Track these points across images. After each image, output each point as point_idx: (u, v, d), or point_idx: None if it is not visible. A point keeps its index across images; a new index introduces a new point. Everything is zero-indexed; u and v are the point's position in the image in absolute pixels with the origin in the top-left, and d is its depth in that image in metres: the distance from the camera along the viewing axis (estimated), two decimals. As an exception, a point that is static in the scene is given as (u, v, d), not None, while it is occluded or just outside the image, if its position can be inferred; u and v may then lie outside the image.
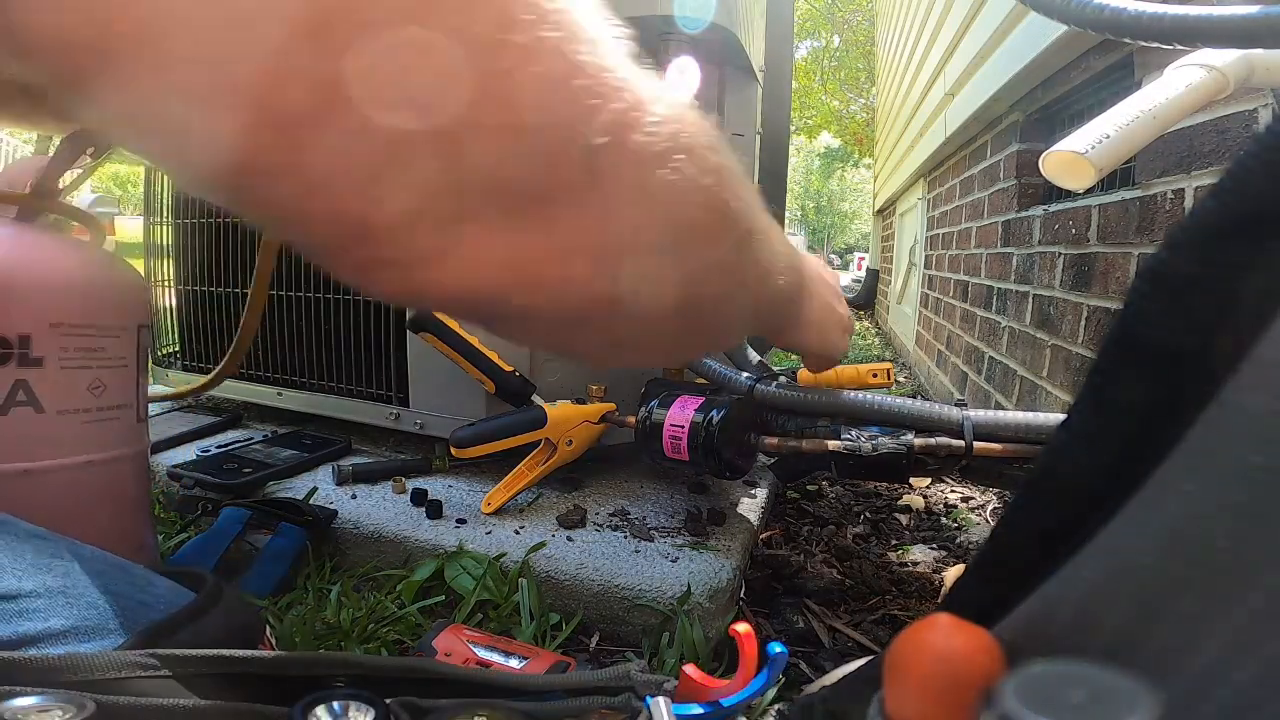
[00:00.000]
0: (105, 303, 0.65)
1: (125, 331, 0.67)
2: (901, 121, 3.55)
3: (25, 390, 0.60)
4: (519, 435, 0.86)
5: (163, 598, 0.46)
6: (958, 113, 2.02)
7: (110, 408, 0.66)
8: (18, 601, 0.40)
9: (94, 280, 0.65)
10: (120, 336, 0.67)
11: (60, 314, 0.61)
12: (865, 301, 5.14)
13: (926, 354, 2.49)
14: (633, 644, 0.72)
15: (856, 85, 9.87)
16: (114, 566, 0.46)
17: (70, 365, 0.62)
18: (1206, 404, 0.16)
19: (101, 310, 0.65)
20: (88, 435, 0.64)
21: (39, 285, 0.61)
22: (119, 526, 0.69)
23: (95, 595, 0.42)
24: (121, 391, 0.67)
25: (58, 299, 0.62)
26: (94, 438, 0.65)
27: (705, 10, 0.84)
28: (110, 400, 0.66)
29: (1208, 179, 0.80)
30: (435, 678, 0.39)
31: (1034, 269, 1.36)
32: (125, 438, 0.68)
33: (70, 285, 0.63)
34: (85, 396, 0.64)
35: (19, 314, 0.59)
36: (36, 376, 0.60)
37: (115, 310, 0.66)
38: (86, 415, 0.64)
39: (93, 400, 0.64)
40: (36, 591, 0.41)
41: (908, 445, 0.72)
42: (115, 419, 0.67)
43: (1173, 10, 0.49)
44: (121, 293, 0.67)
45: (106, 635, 0.41)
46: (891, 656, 0.20)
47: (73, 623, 0.41)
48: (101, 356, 0.65)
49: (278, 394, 1.14)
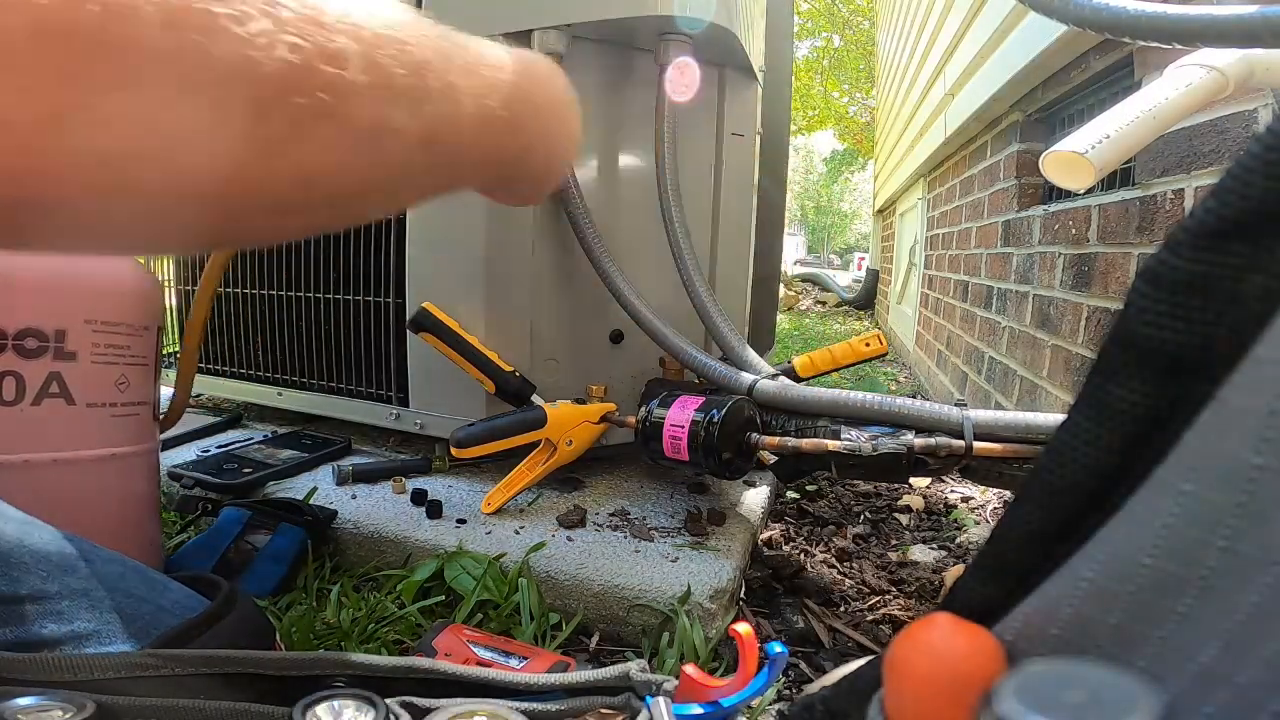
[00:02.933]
0: (132, 302, 0.68)
1: (147, 331, 0.70)
2: (901, 121, 3.55)
3: (59, 382, 0.63)
4: (519, 435, 0.86)
5: (179, 603, 0.46)
6: (958, 112, 2.02)
7: (132, 404, 0.69)
8: (43, 603, 0.40)
9: (123, 280, 0.68)
10: (143, 336, 0.69)
11: (94, 311, 0.64)
12: (865, 301, 5.15)
13: (926, 354, 2.49)
14: (633, 644, 0.72)
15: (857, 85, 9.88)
16: (132, 570, 0.46)
17: (100, 360, 0.65)
18: (1206, 404, 0.16)
19: (129, 310, 0.68)
20: (112, 429, 0.67)
21: (75, 284, 0.64)
22: (132, 519, 0.71)
23: (117, 599, 0.43)
24: (142, 388, 0.70)
25: (92, 297, 0.65)
26: (117, 432, 0.67)
27: (705, 10, 0.84)
28: (133, 396, 0.69)
29: (1208, 179, 0.80)
30: (435, 678, 0.39)
31: (1034, 269, 1.36)
32: (142, 434, 0.71)
33: (103, 284, 0.66)
34: (112, 391, 0.66)
35: (57, 310, 0.62)
36: (69, 370, 0.63)
37: (140, 310, 0.69)
38: (112, 410, 0.67)
39: (118, 395, 0.67)
40: (61, 594, 0.41)
41: (908, 445, 0.72)
42: (136, 414, 0.69)
43: (1173, 10, 0.49)
44: (145, 293, 0.70)
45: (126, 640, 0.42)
46: (891, 656, 0.20)
47: (95, 626, 0.41)
48: (127, 354, 0.68)
49: (278, 394, 1.14)
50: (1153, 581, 0.17)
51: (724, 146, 1.05)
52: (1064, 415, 0.19)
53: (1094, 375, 0.18)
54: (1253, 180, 0.15)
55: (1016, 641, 0.20)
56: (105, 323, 0.65)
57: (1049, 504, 0.19)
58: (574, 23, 0.84)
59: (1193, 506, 0.16)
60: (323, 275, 1.06)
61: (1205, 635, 0.16)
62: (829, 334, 3.80)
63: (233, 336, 1.18)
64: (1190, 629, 0.16)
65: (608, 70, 0.93)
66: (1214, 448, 0.15)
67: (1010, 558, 0.21)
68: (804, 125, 11.17)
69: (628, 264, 0.91)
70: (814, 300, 5.81)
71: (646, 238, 0.97)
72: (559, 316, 0.97)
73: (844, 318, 4.83)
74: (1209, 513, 0.16)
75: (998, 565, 0.21)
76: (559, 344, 0.97)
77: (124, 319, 0.67)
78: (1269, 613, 0.15)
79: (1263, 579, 0.15)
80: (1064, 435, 0.19)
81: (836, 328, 4.14)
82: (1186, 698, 0.16)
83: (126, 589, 0.44)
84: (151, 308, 0.71)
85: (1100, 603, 0.18)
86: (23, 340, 0.60)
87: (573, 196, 0.89)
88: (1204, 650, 0.16)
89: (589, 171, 0.96)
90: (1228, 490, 0.15)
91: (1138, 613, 0.17)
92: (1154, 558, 0.17)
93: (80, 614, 0.41)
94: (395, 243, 0.98)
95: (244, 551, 0.78)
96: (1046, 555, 0.19)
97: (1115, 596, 0.17)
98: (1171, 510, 0.16)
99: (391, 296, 1.00)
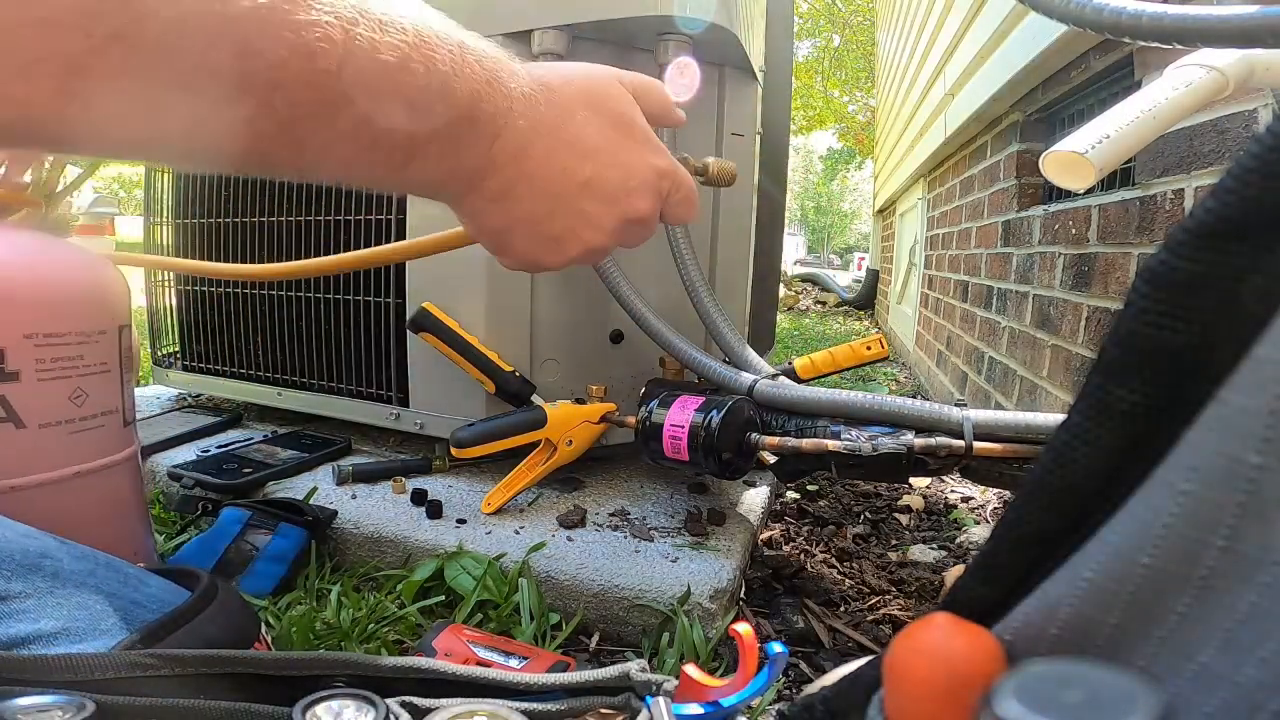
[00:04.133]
0: (82, 308, 0.63)
1: (105, 336, 0.65)
2: (901, 121, 3.55)
3: (3, 406, 0.58)
4: (519, 435, 0.86)
5: (156, 597, 0.45)
6: (958, 112, 2.02)
7: (94, 415, 0.64)
8: (7, 603, 0.40)
9: (69, 285, 0.62)
10: (99, 342, 0.64)
11: (34, 324, 0.59)
12: (865, 301, 5.15)
13: (926, 354, 2.49)
14: (633, 644, 0.72)
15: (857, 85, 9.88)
16: (104, 565, 0.45)
17: (48, 377, 0.60)
18: (1206, 404, 0.16)
19: (78, 316, 0.62)
20: (72, 446, 0.62)
21: (9, 296, 0.58)
22: (115, 532, 0.68)
23: (85, 595, 0.42)
24: (105, 398, 0.65)
25: (30, 309, 0.59)
26: (79, 448, 0.63)
27: (705, 10, 0.84)
28: (93, 408, 0.64)
29: (1208, 179, 0.80)
30: (435, 677, 0.39)
31: (1034, 269, 1.36)
32: (112, 444, 0.66)
33: (43, 293, 0.60)
34: (67, 407, 0.62)
35: None
36: (13, 391, 0.58)
37: (93, 315, 0.64)
38: (70, 426, 0.62)
39: (75, 410, 0.62)
40: (25, 592, 0.40)
41: (908, 445, 0.72)
42: (101, 426, 0.65)
43: (1173, 10, 0.49)
44: (99, 295, 0.65)
45: (98, 636, 0.41)
46: (891, 656, 0.20)
47: (63, 624, 0.40)
48: (80, 364, 0.62)
49: (278, 394, 1.14)
50: (1152, 581, 0.17)
51: (724, 146, 1.05)
52: (1064, 415, 0.19)
53: (1094, 375, 0.18)
54: (1252, 180, 0.15)
55: (1016, 641, 0.20)
56: (49, 335, 0.60)
57: (1049, 504, 0.19)
58: (574, 23, 0.84)
59: (1193, 506, 0.16)
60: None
61: (1205, 635, 0.16)
62: (829, 334, 3.80)
63: (233, 336, 1.18)
64: (1190, 629, 0.16)
65: (608, 70, 0.93)
66: (1214, 448, 0.15)
67: (1010, 558, 0.21)
68: (804, 125, 11.18)
69: (627, 263, 0.91)
70: (814, 300, 5.81)
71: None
72: (559, 316, 0.97)
73: (844, 318, 4.83)
74: (1209, 513, 0.16)
75: (997, 565, 0.21)
76: (559, 344, 0.97)
77: (71, 327, 0.61)
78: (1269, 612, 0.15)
79: (1262, 579, 0.15)
80: (1064, 435, 0.19)
81: (836, 328, 4.14)
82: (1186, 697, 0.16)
83: (97, 584, 0.43)
84: (110, 309, 0.66)
85: (1100, 603, 0.18)
86: None
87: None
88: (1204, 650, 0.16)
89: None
90: (1228, 490, 0.15)
91: (1137, 612, 0.17)
92: (1154, 557, 0.17)
93: (46, 612, 0.40)
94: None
95: (244, 552, 0.78)
96: (1046, 555, 0.19)
97: (1115, 596, 0.17)
98: (1171, 510, 0.16)
99: (391, 296, 1.00)
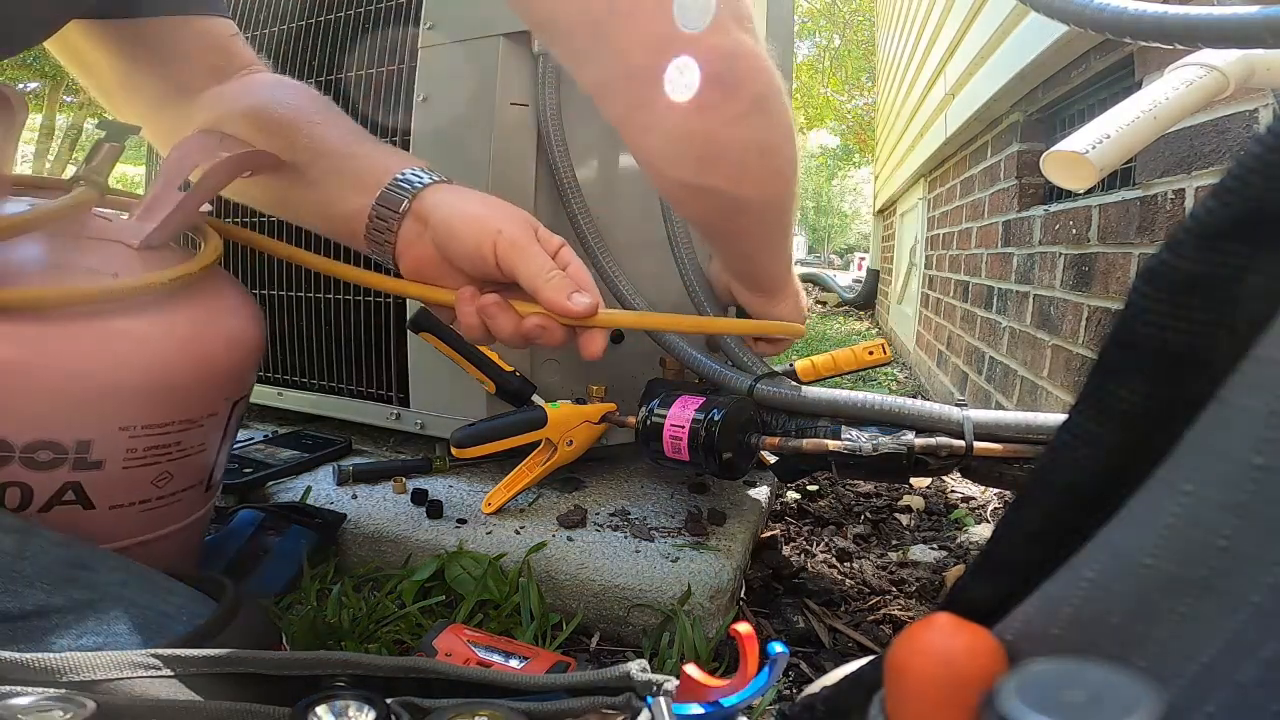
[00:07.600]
0: (194, 392, 0.53)
1: (213, 418, 0.56)
2: (902, 121, 3.55)
3: (75, 491, 0.50)
4: (519, 435, 0.86)
5: (184, 608, 0.46)
6: (958, 113, 2.02)
7: (175, 493, 0.56)
8: (49, 618, 0.40)
9: (184, 362, 0.52)
10: (205, 425, 0.55)
11: (132, 417, 0.50)
12: (865, 301, 5.14)
13: (927, 354, 2.49)
14: (633, 644, 0.72)
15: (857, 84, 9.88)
16: (137, 576, 0.46)
17: (135, 464, 0.52)
18: (1206, 404, 0.16)
19: (187, 404, 0.53)
20: (142, 522, 0.55)
21: (115, 386, 0.49)
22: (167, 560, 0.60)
23: (120, 610, 0.43)
24: (191, 475, 0.57)
25: (132, 399, 0.50)
26: (149, 522, 0.56)
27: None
28: (176, 487, 0.56)
29: (1208, 179, 0.80)
30: (435, 677, 0.39)
31: (1034, 269, 1.36)
32: (187, 512, 0.59)
33: (156, 379, 0.50)
34: (147, 489, 0.54)
35: (80, 419, 0.48)
36: (91, 479, 0.50)
37: (206, 399, 0.54)
38: (144, 505, 0.54)
39: (154, 491, 0.54)
40: (65, 607, 0.41)
41: (908, 445, 0.72)
42: (178, 501, 0.57)
43: (1173, 10, 0.49)
44: (225, 371, 0.55)
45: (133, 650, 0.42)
46: (892, 656, 0.20)
47: (103, 640, 0.41)
48: (175, 450, 0.54)
49: (278, 394, 1.14)
50: (1153, 581, 0.17)
51: (724, 146, 1.05)
52: (1064, 415, 0.19)
53: (1095, 375, 0.18)
54: (1253, 181, 0.15)
55: (1017, 641, 0.20)
56: (148, 426, 0.51)
57: (1050, 504, 0.19)
58: (574, 23, 0.83)
59: (1194, 506, 0.16)
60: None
61: (1206, 635, 0.16)
62: (829, 334, 3.80)
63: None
64: (1191, 629, 0.16)
65: (608, 70, 0.93)
66: (1215, 448, 0.15)
67: (1011, 558, 0.21)
68: (804, 125, 11.18)
69: (627, 262, 0.90)
70: (814, 300, 5.81)
71: (646, 236, 0.97)
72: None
73: (844, 318, 4.83)
74: (1210, 512, 0.16)
75: (998, 565, 0.21)
76: (559, 344, 0.97)
77: (177, 416, 0.53)
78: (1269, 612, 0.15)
79: (1263, 579, 0.15)
80: (1064, 435, 0.19)
81: (837, 327, 4.14)
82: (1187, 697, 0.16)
83: (131, 598, 0.43)
84: (230, 382, 0.56)
85: (1101, 603, 0.18)
86: (33, 453, 0.47)
87: (572, 195, 0.89)
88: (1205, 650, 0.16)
89: (588, 169, 0.96)
90: (1229, 490, 0.15)
91: (1138, 613, 0.17)
92: (1155, 558, 0.17)
93: (87, 629, 0.41)
94: (395, 243, 0.98)
95: (255, 553, 0.78)
96: (1047, 555, 0.19)
97: (1116, 596, 0.17)
98: (1172, 510, 0.16)
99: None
